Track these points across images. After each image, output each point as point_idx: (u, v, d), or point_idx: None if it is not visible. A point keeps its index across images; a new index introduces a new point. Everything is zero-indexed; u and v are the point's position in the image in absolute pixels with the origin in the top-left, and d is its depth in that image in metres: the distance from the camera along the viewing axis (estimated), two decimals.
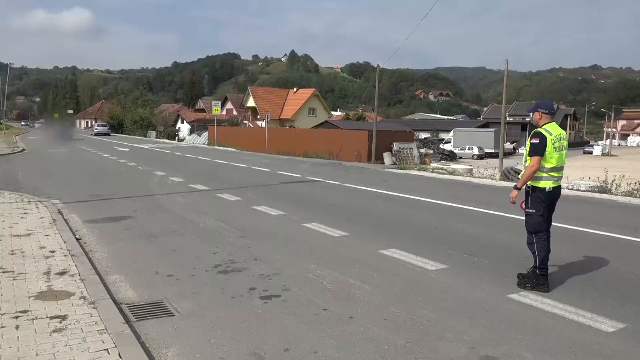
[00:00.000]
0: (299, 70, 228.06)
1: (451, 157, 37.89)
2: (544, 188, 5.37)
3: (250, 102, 63.91)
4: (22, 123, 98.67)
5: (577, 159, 39.21)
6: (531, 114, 5.65)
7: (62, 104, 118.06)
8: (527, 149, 5.46)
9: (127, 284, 5.49)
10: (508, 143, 45.70)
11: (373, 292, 5.31)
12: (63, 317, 4.28)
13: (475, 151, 42.93)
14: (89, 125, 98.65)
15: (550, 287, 5.40)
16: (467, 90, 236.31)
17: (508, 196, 5.80)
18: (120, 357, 3.59)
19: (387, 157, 27.10)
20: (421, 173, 20.54)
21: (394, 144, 28.53)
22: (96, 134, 59.15)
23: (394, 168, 23.70)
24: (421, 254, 6.75)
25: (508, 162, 25.86)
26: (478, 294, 5.28)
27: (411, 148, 29.18)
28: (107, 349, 3.71)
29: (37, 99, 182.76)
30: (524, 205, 5.51)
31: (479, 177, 19.11)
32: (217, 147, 38.28)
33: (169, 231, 8.16)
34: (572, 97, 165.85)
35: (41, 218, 8.61)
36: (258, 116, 59.89)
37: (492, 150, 43.35)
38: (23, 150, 29.17)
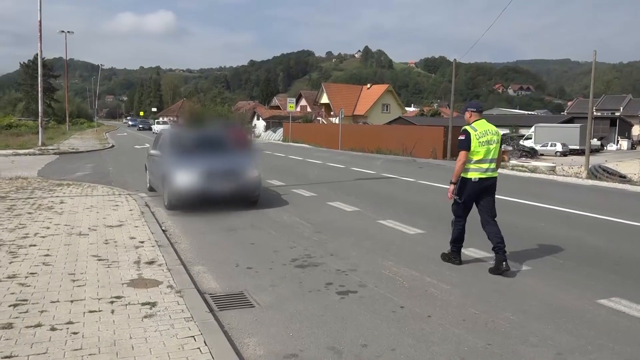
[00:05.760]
0: (372, 66, 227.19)
1: (532, 154, 36.21)
2: (470, 179, 5.92)
3: (324, 99, 64.40)
4: (130, 123, 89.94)
5: None
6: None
7: (147, 102, 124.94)
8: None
9: (210, 275, 5.73)
10: (595, 139, 42.97)
11: (451, 291, 5.21)
12: (153, 304, 4.54)
13: (559, 148, 40.69)
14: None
15: None
16: (549, 83, 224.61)
17: (595, 196, 5.50)
18: (206, 344, 3.76)
19: None
20: (500, 170, 19.77)
21: None
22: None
23: None
24: None
25: (595, 160, 24.40)
26: (564, 298, 5.04)
27: None
28: (193, 336, 3.90)
29: (125, 98, 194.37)
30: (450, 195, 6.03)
31: (564, 175, 18.17)
32: (291, 144, 38.93)
33: (247, 225, 8.42)
34: None
35: (130, 210, 9.17)
36: (332, 112, 60.20)
37: (577, 147, 41.02)
38: (113, 146, 31.15)
